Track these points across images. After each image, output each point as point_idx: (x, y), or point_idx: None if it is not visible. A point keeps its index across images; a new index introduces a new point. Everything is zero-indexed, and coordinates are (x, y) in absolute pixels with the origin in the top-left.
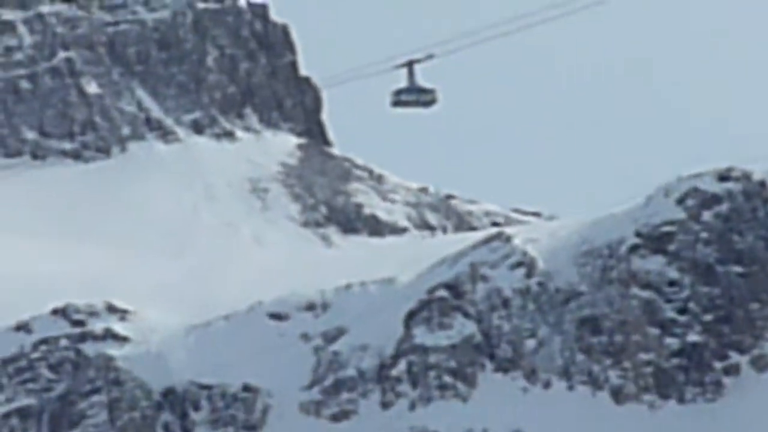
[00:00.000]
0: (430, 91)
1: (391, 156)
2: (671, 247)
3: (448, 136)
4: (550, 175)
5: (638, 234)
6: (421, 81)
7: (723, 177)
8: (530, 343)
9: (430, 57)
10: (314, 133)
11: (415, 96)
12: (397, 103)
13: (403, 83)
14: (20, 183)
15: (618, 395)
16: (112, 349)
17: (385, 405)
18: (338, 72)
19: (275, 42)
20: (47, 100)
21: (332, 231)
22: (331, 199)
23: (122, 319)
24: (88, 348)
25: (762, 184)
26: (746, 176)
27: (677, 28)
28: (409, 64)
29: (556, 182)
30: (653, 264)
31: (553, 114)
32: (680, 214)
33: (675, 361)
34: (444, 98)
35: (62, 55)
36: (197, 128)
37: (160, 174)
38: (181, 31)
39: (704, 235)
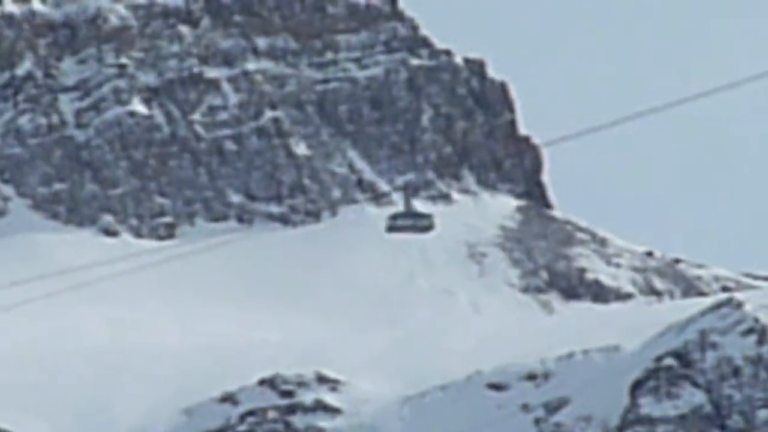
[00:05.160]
0: (427, 216)
1: (615, 218)
2: None
3: (673, 197)
4: None
5: None
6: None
7: None
8: (763, 414)
9: None
10: (534, 194)
11: (411, 221)
12: (391, 229)
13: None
14: (225, 249)
15: None
16: (323, 421)
17: None
18: (558, 130)
19: (493, 100)
20: (253, 161)
21: (553, 297)
22: (552, 264)
23: (333, 389)
24: (298, 420)
25: None
26: None
27: None
28: (405, 189)
29: None
30: None
31: None
32: None
33: None
34: (659, 159)
35: (269, 114)
36: (412, 190)
37: (373, 239)
38: (395, 89)
39: None
